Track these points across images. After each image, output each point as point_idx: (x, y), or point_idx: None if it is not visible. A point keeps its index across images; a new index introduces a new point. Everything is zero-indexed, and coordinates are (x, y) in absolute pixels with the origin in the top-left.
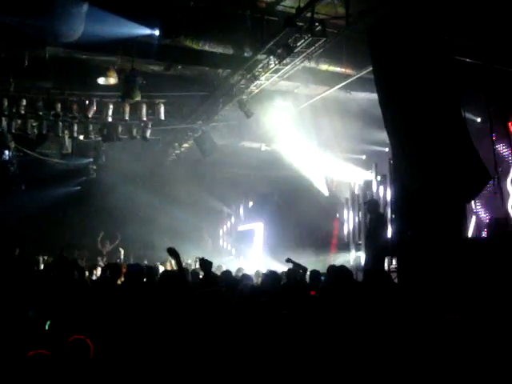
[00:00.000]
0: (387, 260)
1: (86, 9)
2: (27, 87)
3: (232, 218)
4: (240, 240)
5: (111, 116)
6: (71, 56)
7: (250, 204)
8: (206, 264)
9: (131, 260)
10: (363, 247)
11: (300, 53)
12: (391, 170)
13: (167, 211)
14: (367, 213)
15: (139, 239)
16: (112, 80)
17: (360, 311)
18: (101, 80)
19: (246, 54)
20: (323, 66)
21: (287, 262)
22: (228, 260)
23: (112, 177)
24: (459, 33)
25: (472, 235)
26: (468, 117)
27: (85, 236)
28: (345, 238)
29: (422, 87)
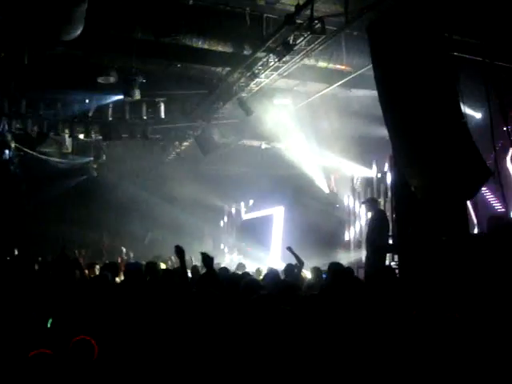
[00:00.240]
0: (388, 257)
1: (86, 7)
2: (27, 87)
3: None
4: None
5: (111, 115)
6: (71, 55)
7: (251, 202)
8: (208, 260)
9: (132, 258)
10: (364, 244)
11: (299, 50)
12: (392, 167)
13: (168, 209)
14: (367, 211)
15: (140, 237)
16: (112, 79)
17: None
18: (101, 79)
19: (246, 52)
20: (323, 64)
21: (288, 250)
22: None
23: (112, 176)
24: (458, 29)
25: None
26: (468, 112)
27: (85, 235)
28: (345, 236)
29: (422, 84)
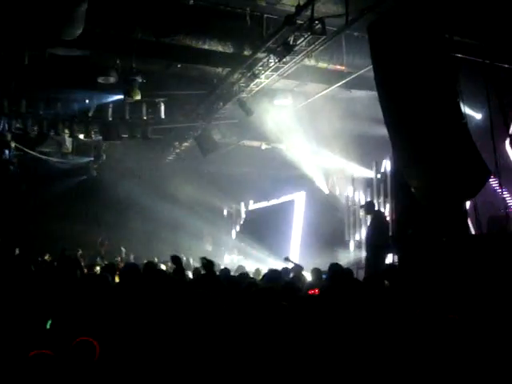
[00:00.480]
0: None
1: (86, 6)
2: (27, 87)
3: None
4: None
5: (111, 115)
6: (71, 55)
7: (251, 202)
8: (208, 264)
9: (132, 259)
10: (363, 245)
11: (300, 51)
12: (392, 167)
13: (168, 210)
14: (366, 214)
15: (140, 238)
16: (112, 79)
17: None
18: (101, 79)
19: (246, 53)
20: (323, 64)
21: (285, 261)
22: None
23: (112, 176)
24: (459, 30)
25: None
26: (468, 113)
27: (85, 235)
28: (345, 236)
29: (422, 85)
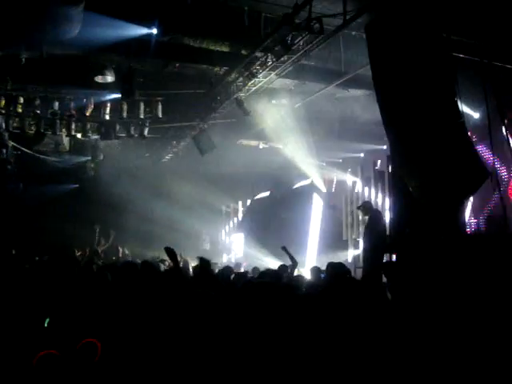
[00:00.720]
0: (386, 257)
1: (83, 6)
2: (24, 86)
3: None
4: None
5: (109, 114)
6: (68, 54)
7: (248, 201)
8: (205, 263)
9: (129, 258)
10: (361, 244)
11: (297, 50)
12: (389, 166)
13: (165, 209)
14: (364, 215)
15: (138, 237)
16: (109, 78)
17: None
18: (98, 78)
19: (244, 52)
20: (320, 64)
21: (282, 250)
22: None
23: (110, 175)
24: (457, 29)
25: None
26: (466, 112)
27: (83, 234)
28: (342, 236)
29: (420, 84)
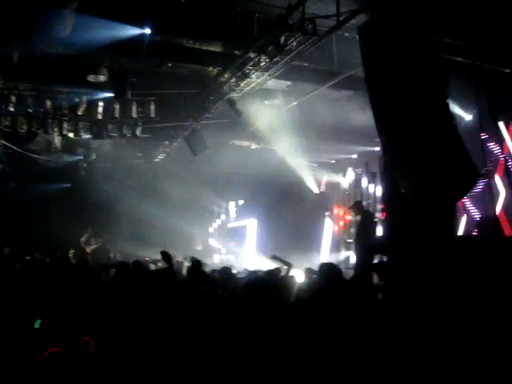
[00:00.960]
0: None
1: (76, 5)
2: (17, 84)
3: (222, 216)
4: (231, 237)
5: (101, 113)
6: (61, 53)
7: (241, 202)
8: (196, 263)
9: (119, 258)
10: (352, 246)
11: (290, 51)
12: (381, 168)
13: (157, 209)
14: (355, 215)
15: (129, 237)
16: (102, 77)
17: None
18: (91, 77)
19: (237, 52)
20: (313, 65)
21: (273, 259)
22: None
23: (102, 175)
24: (449, 32)
25: (463, 233)
26: (458, 114)
27: (74, 234)
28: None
29: (412, 86)
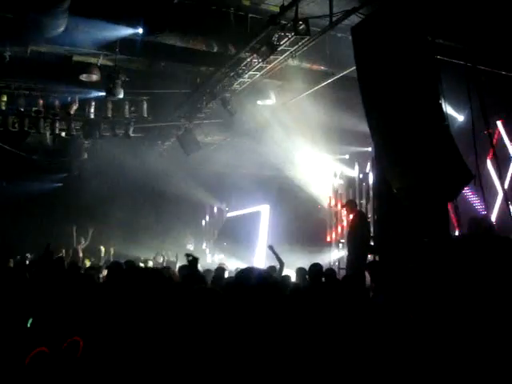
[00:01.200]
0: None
1: (68, 4)
2: (8, 83)
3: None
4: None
5: (93, 113)
6: (53, 52)
7: (234, 201)
8: (193, 260)
9: (111, 258)
10: (345, 246)
11: (283, 51)
12: (374, 168)
13: (150, 209)
14: (348, 214)
15: (121, 236)
16: (95, 77)
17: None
18: (83, 77)
19: (230, 52)
20: (307, 65)
21: (269, 249)
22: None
23: (94, 174)
24: (442, 33)
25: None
26: (451, 115)
27: (66, 232)
28: (327, 237)
29: (405, 87)
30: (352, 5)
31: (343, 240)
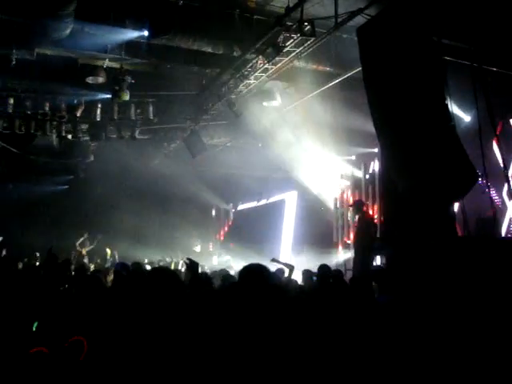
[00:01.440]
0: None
1: (74, 7)
2: (15, 86)
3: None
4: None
5: (100, 115)
6: (60, 55)
7: (240, 203)
8: (193, 265)
9: (117, 260)
10: (352, 247)
11: (289, 52)
12: (380, 169)
13: (156, 211)
14: (354, 214)
15: (127, 239)
16: (101, 79)
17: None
18: (89, 79)
19: (235, 54)
20: (312, 66)
21: (272, 262)
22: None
23: (100, 176)
24: (448, 33)
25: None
26: (457, 115)
27: (72, 235)
28: (333, 238)
29: (411, 87)
30: (357, 5)
31: (349, 241)
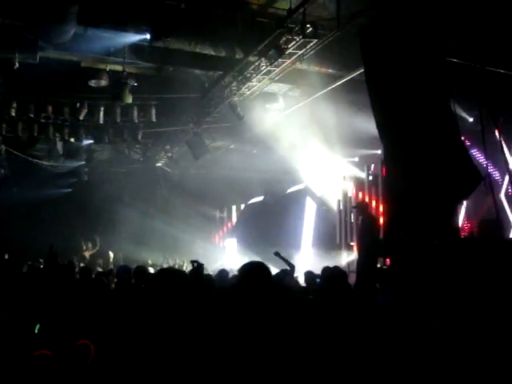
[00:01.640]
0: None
1: (77, 10)
2: (18, 90)
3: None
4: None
5: (103, 118)
6: (62, 58)
7: (242, 206)
8: (198, 267)
9: (121, 263)
10: (355, 248)
11: (291, 54)
12: (383, 170)
13: (159, 214)
14: (358, 215)
15: (130, 241)
16: (103, 82)
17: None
18: (92, 82)
19: (238, 56)
20: (315, 68)
21: (275, 255)
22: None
23: (103, 179)
24: (450, 34)
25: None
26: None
27: (76, 239)
28: (336, 240)
29: (414, 88)
30: (359, 7)
31: (353, 243)
